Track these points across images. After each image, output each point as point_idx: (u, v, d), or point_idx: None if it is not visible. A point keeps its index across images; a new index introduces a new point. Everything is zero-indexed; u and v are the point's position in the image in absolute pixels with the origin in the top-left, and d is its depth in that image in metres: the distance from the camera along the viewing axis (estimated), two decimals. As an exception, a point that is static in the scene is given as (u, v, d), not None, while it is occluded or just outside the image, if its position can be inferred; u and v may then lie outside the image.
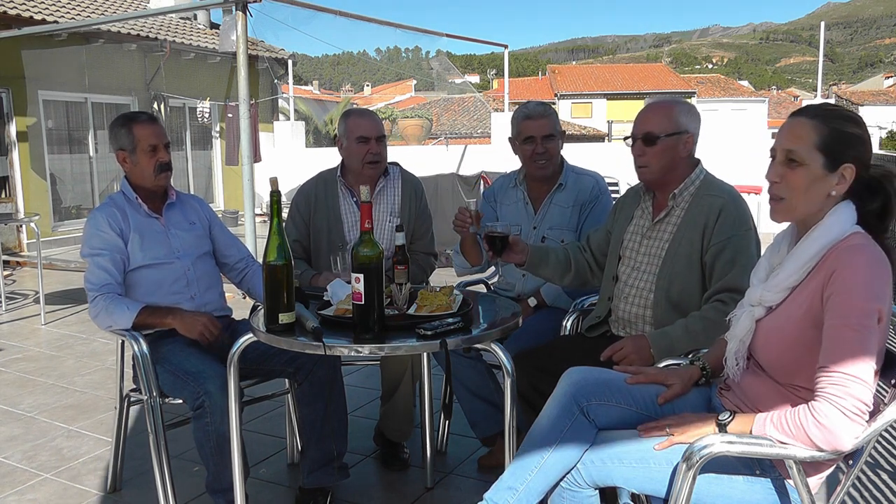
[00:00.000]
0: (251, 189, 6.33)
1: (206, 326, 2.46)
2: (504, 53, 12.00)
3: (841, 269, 1.49)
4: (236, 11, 6.14)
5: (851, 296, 1.46)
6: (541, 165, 2.81)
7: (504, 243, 2.30)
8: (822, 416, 1.41)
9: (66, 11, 10.36)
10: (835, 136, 1.54)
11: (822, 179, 1.55)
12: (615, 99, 38.04)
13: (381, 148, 2.85)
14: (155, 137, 2.56)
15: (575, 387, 1.79)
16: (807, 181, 1.56)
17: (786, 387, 1.60)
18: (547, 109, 2.84)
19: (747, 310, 1.70)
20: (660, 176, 2.29)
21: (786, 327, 1.59)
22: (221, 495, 2.36)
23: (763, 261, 1.76)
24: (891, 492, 2.64)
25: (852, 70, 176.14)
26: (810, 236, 1.57)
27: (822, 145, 1.54)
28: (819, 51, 14.04)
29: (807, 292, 1.56)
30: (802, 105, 1.80)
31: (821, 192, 1.56)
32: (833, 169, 1.55)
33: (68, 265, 8.21)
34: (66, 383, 4.12)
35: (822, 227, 1.56)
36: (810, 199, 1.57)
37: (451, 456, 3.03)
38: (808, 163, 1.55)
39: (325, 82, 52.99)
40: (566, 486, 1.74)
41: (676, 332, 2.16)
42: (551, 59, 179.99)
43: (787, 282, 1.60)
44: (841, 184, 1.55)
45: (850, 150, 1.55)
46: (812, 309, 1.53)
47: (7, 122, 9.46)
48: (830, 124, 1.55)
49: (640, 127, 2.28)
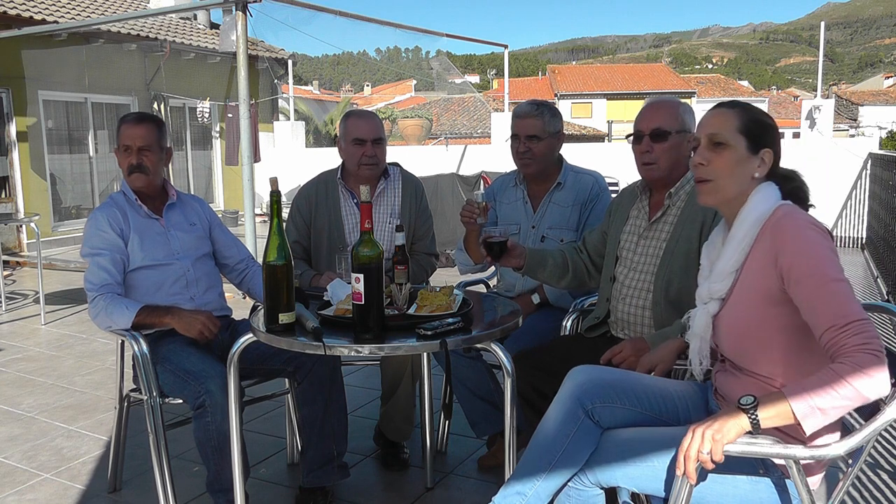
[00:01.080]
0: (251, 189, 6.34)
1: (205, 325, 2.46)
2: (504, 53, 12.01)
3: (785, 237, 1.54)
4: (236, 11, 6.15)
5: (811, 254, 1.50)
6: (524, 163, 2.83)
7: (502, 248, 2.29)
8: (864, 365, 1.37)
9: (66, 11, 10.37)
10: (753, 121, 1.67)
11: (746, 160, 1.65)
12: (615, 99, 38.07)
13: (377, 150, 2.84)
14: (129, 139, 2.55)
15: (579, 389, 1.79)
16: (733, 161, 1.65)
17: (759, 377, 1.61)
18: (535, 110, 2.81)
19: (701, 308, 1.74)
20: (666, 173, 2.28)
21: (742, 312, 1.62)
22: (222, 495, 2.36)
23: (703, 259, 1.82)
24: (891, 492, 2.64)
25: (852, 70, 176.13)
26: (739, 217, 1.65)
27: (744, 129, 1.66)
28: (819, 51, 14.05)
29: (753, 271, 1.60)
30: (802, 105, 1.85)
31: (746, 172, 1.65)
32: (755, 151, 1.66)
33: (68, 265, 8.22)
34: (66, 383, 4.12)
35: (749, 206, 1.64)
36: (737, 180, 1.65)
37: (451, 456, 3.03)
38: (733, 144, 1.65)
39: (325, 82, 53.01)
40: (573, 485, 1.75)
41: (675, 333, 2.16)
42: (551, 59, 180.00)
43: (729, 266, 1.65)
44: (762, 167, 1.66)
45: (767, 136, 1.67)
46: (765, 286, 1.56)
47: (7, 122, 9.47)
48: (748, 112, 1.68)
49: (648, 123, 2.28)
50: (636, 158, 2.32)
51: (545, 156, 2.83)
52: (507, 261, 2.36)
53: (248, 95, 6.22)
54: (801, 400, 1.38)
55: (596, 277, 2.54)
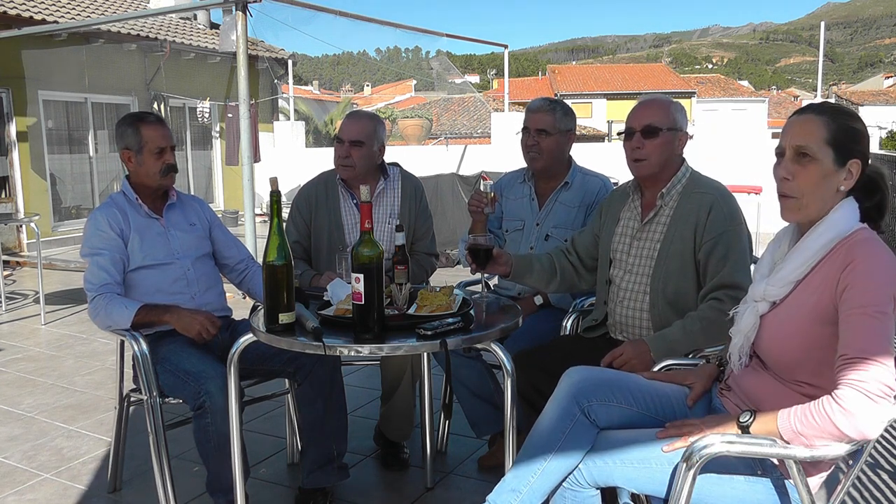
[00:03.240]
0: (251, 189, 6.34)
1: (204, 325, 2.45)
2: (504, 53, 12.01)
3: (857, 261, 1.49)
4: (236, 11, 6.15)
5: (869, 285, 1.47)
6: (531, 157, 2.84)
7: (488, 256, 2.28)
8: (846, 401, 1.38)
9: (66, 11, 10.36)
10: (843, 131, 1.57)
11: (832, 175, 1.57)
12: (615, 99, 38.04)
13: (352, 152, 2.79)
14: (163, 140, 2.58)
15: (575, 387, 1.79)
16: (818, 177, 1.57)
17: (788, 383, 1.60)
18: (548, 105, 2.84)
19: (751, 305, 1.70)
20: (657, 171, 2.28)
21: (790, 321, 1.59)
22: (222, 495, 2.36)
23: (766, 256, 1.76)
24: (891, 492, 2.64)
25: (852, 70, 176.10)
26: (816, 231, 1.58)
27: (832, 140, 1.56)
28: (819, 51, 14.04)
29: (813, 286, 1.56)
30: (802, 105, 1.81)
31: (831, 187, 1.58)
32: (842, 164, 1.57)
33: (68, 265, 8.22)
34: (66, 383, 4.12)
35: (828, 222, 1.57)
36: (822, 196, 1.58)
37: (451, 456, 3.03)
38: (820, 158, 1.56)
39: (325, 82, 53.02)
40: (568, 486, 1.74)
41: (675, 335, 2.16)
42: (551, 59, 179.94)
43: (792, 276, 1.60)
44: (848, 179, 1.57)
45: (857, 145, 1.58)
46: (821, 303, 1.53)
47: (7, 122, 9.46)
48: (837, 120, 1.58)
49: (639, 120, 2.28)
50: (627, 155, 2.33)
51: (553, 152, 2.83)
52: (493, 268, 2.32)
53: (248, 95, 6.22)
54: (789, 426, 1.45)
55: (587, 278, 2.53)
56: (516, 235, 2.91)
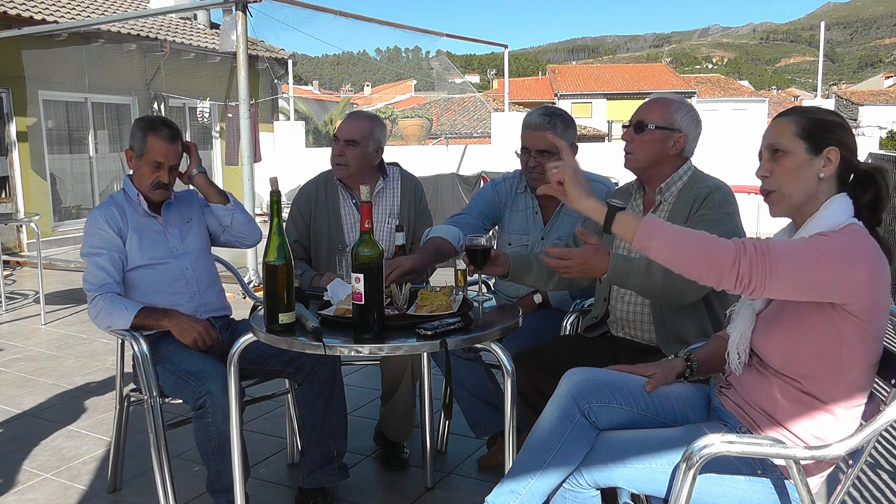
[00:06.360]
0: (251, 189, 6.34)
1: (201, 335, 2.46)
2: (504, 53, 12.02)
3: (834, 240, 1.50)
4: (236, 11, 6.15)
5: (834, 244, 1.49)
6: (533, 178, 2.71)
7: (485, 257, 2.27)
8: (729, 243, 1.47)
9: (66, 11, 10.36)
10: (813, 122, 1.62)
11: (808, 163, 1.60)
12: (615, 99, 38.04)
13: (346, 150, 2.78)
14: (163, 156, 2.54)
15: (575, 388, 1.79)
16: (793, 167, 1.61)
17: (786, 379, 1.60)
18: (547, 122, 2.64)
19: (747, 304, 1.71)
20: (644, 166, 2.29)
21: (786, 316, 1.60)
22: (222, 495, 2.36)
23: None
24: (891, 492, 2.64)
25: (852, 70, 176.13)
26: (807, 227, 1.60)
27: (802, 132, 1.61)
28: (819, 51, 14.05)
29: None
30: (801, 105, 1.82)
31: (809, 175, 1.60)
32: (817, 152, 1.60)
33: (68, 265, 8.22)
34: (66, 383, 4.12)
35: (819, 217, 1.59)
36: (800, 184, 1.61)
37: (451, 456, 3.03)
38: (792, 150, 1.61)
39: (325, 82, 53.00)
40: (568, 486, 1.74)
41: (639, 264, 2.08)
42: (551, 59, 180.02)
43: None
44: (828, 166, 1.60)
45: (831, 133, 1.61)
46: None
47: (7, 122, 9.47)
48: (807, 115, 1.64)
49: (636, 116, 2.30)
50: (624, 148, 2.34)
51: None
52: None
53: (248, 95, 6.22)
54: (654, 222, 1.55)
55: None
56: (521, 250, 2.83)
